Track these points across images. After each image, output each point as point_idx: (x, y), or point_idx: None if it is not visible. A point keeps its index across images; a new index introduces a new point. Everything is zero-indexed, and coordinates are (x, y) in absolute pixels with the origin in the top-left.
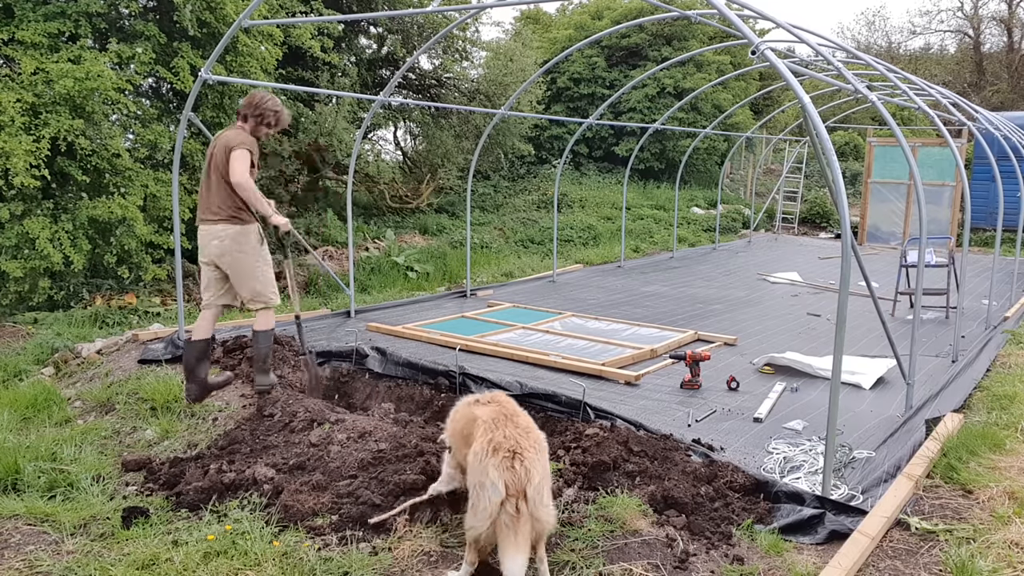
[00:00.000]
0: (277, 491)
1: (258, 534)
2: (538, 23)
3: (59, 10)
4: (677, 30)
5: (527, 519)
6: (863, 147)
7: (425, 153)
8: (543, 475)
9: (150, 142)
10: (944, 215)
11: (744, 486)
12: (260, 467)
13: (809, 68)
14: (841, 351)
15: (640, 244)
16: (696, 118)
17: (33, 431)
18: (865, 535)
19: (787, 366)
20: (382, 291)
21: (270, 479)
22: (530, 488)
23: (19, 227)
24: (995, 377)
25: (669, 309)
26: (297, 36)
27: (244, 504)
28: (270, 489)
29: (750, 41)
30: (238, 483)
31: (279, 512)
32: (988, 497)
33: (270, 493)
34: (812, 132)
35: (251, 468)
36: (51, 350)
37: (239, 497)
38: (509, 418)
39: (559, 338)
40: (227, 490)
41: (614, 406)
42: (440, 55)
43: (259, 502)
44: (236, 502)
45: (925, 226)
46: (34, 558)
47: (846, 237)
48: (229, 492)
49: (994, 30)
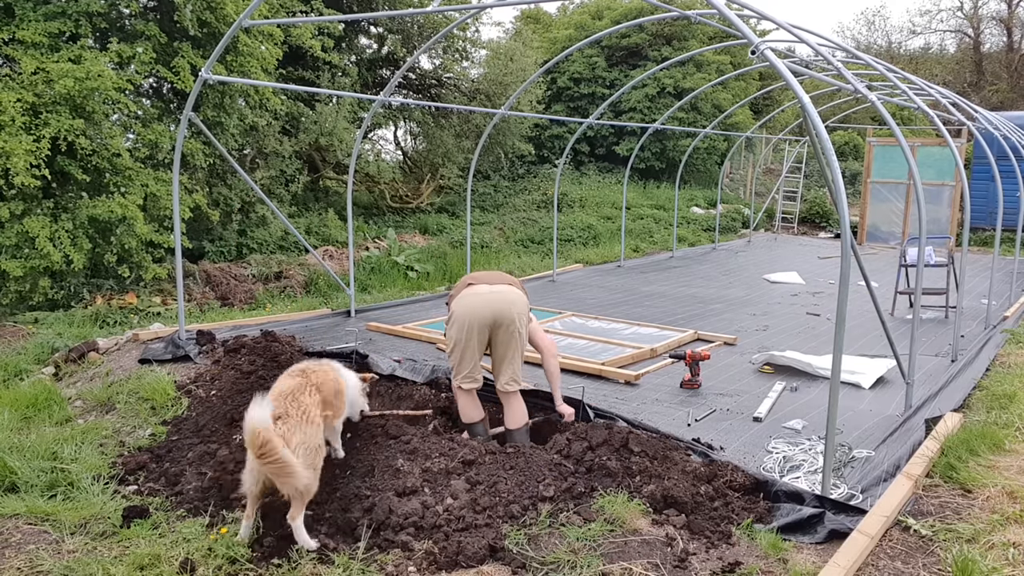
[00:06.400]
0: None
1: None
2: (538, 23)
3: (59, 10)
4: (677, 30)
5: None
6: (863, 147)
7: (425, 153)
8: (303, 442)
9: (150, 142)
10: (944, 215)
11: (744, 485)
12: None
13: (809, 68)
14: (841, 350)
15: (640, 244)
16: (696, 118)
17: (34, 430)
18: (864, 534)
19: (787, 365)
20: (382, 291)
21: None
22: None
23: (19, 226)
24: (994, 376)
25: (669, 309)
26: (297, 36)
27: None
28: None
29: (750, 41)
30: (237, 482)
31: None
32: (987, 496)
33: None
34: (812, 132)
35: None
36: (51, 350)
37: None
38: (296, 391)
39: (559, 337)
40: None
41: (614, 405)
42: (440, 55)
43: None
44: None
45: (925, 226)
46: (35, 557)
47: (846, 237)
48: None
49: (994, 30)
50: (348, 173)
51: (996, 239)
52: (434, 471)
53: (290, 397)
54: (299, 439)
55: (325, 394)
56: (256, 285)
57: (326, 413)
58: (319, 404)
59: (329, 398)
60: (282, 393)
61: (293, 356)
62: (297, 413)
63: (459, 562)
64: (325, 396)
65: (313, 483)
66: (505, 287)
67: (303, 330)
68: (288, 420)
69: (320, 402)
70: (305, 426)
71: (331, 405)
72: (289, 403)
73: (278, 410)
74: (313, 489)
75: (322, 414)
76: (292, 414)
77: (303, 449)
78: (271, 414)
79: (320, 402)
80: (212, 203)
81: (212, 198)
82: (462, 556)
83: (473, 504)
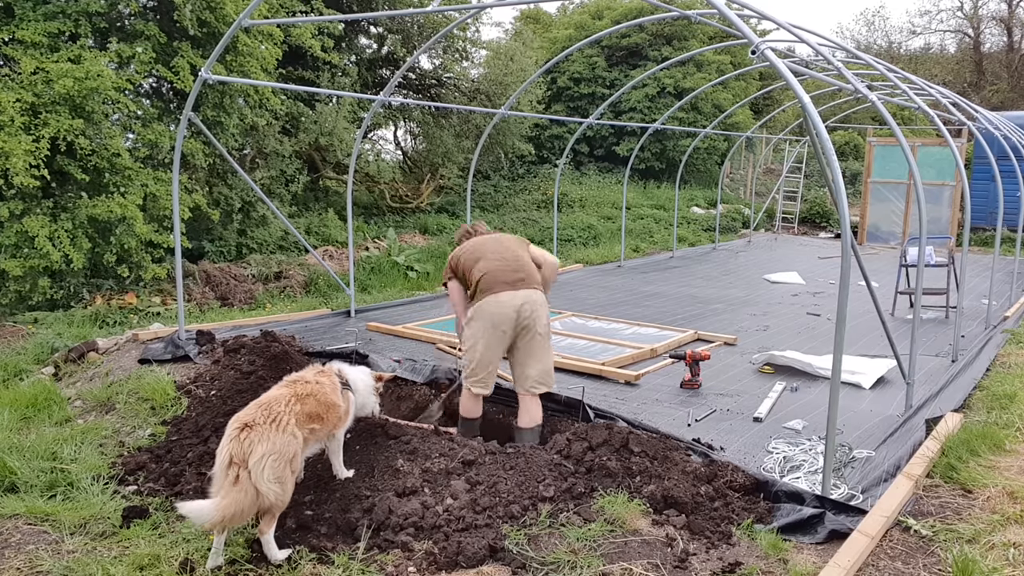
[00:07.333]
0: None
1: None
2: (538, 23)
3: (59, 9)
4: (677, 30)
5: (244, 486)
6: (863, 147)
7: (425, 153)
8: (272, 452)
9: (150, 142)
10: (944, 215)
11: (744, 486)
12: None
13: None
14: (841, 350)
15: (640, 244)
16: (696, 118)
17: (33, 431)
18: (865, 535)
19: (787, 365)
20: (382, 291)
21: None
22: (251, 459)
23: (18, 226)
24: (995, 377)
25: (669, 309)
26: (297, 36)
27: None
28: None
29: (750, 41)
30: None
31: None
32: (988, 497)
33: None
34: (812, 132)
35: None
36: (51, 350)
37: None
38: (274, 400)
39: (559, 337)
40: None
41: (614, 405)
42: (440, 55)
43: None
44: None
45: (925, 226)
46: (34, 557)
47: (846, 237)
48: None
49: (994, 30)
50: (348, 173)
51: (996, 239)
52: (434, 471)
53: (265, 405)
54: (265, 449)
55: (310, 407)
56: (256, 285)
57: (312, 426)
58: (301, 415)
59: (316, 411)
60: (260, 402)
61: (293, 356)
62: (266, 421)
63: (459, 562)
64: (310, 409)
65: (282, 497)
66: (526, 291)
67: (303, 330)
68: (254, 429)
69: (303, 413)
70: (275, 434)
71: (319, 418)
72: (261, 411)
73: (248, 418)
74: (283, 503)
75: (306, 426)
76: (260, 422)
77: (270, 460)
78: (240, 423)
79: (303, 413)
80: (212, 203)
81: (212, 198)
82: (462, 556)
83: (473, 504)
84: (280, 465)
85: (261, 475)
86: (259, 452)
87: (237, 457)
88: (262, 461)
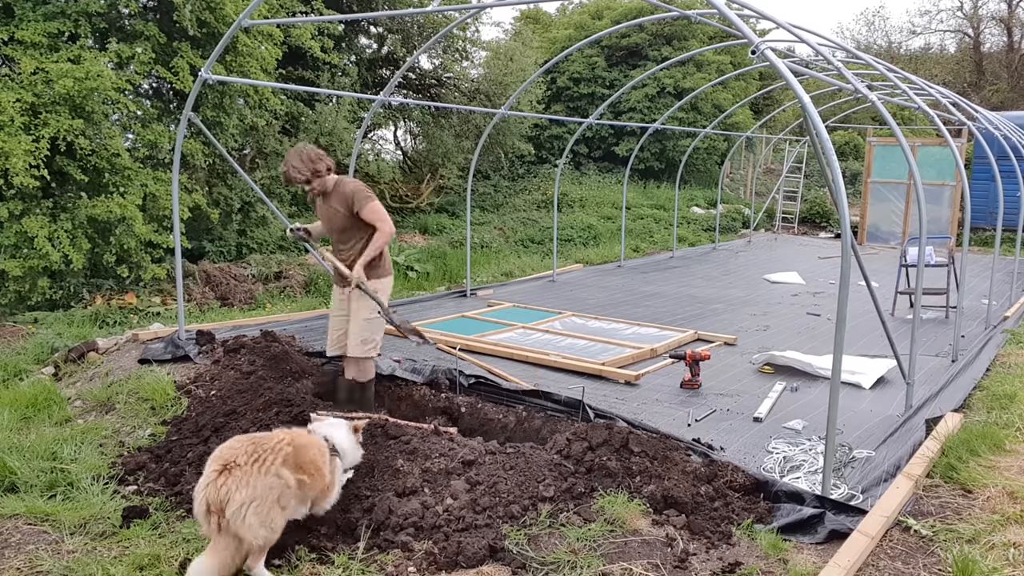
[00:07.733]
0: None
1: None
2: (538, 23)
3: (59, 10)
4: (677, 30)
5: (227, 535)
6: (863, 147)
7: (425, 153)
8: (253, 498)
9: (150, 142)
10: (944, 215)
11: (744, 486)
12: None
13: (809, 68)
14: (841, 350)
15: (640, 244)
16: (696, 118)
17: (33, 431)
18: (865, 535)
19: (787, 365)
20: None
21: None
22: (229, 508)
23: (18, 226)
24: (995, 377)
25: (669, 309)
26: (297, 36)
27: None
28: None
29: (750, 41)
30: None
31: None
32: (988, 497)
33: None
34: (812, 132)
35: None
36: (51, 350)
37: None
38: (261, 439)
39: (559, 337)
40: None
41: (614, 405)
42: (440, 55)
43: None
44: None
45: (925, 226)
46: (34, 557)
47: (846, 237)
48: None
49: (994, 30)
50: (348, 173)
51: (996, 239)
52: (434, 471)
53: (251, 441)
54: (245, 496)
55: (301, 460)
56: (256, 285)
57: (300, 477)
58: (289, 463)
59: (307, 467)
60: (249, 438)
61: (293, 356)
62: (248, 461)
63: (459, 562)
64: (302, 460)
65: (271, 537)
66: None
67: (303, 330)
68: (232, 473)
69: (293, 463)
70: (256, 478)
71: (309, 475)
72: (246, 447)
73: (230, 456)
74: (272, 541)
75: (295, 476)
76: (243, 462)
77: (253, 507)
78: (220, 463)
79: (293, 463)
80: (212, 203)
81: (212, 198)
82: (462, 556)
83: (473, 504)
84: (264, 509)
85: (242, 524)
86: (238, 500)
87: (214, 506)
88: (242, 510)
